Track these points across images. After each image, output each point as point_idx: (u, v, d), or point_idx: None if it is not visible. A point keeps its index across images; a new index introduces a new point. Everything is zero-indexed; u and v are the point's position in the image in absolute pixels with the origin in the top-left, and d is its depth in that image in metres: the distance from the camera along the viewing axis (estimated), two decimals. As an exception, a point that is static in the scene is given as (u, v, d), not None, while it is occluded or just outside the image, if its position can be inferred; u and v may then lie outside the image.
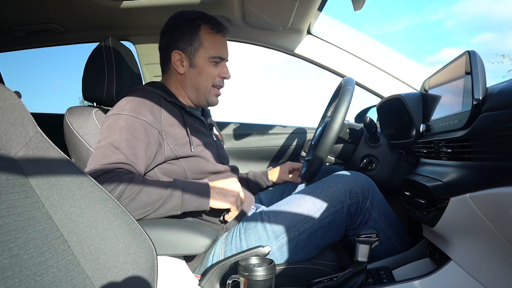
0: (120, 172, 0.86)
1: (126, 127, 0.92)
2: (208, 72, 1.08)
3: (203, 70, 1.07)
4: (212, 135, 1.17)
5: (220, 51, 1.08)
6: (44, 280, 0.49)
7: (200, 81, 1.08)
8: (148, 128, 0.94)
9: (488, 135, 0.67)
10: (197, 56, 1.06)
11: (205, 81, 1.08)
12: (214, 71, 1.08)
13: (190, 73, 1.08)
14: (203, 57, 1.06)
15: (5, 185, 0.50)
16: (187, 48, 1.06)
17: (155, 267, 0.66)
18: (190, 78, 1.09)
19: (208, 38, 1.06)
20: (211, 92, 1.11)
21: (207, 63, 1.07)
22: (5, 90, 0.56)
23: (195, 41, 1.06)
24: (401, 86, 1.50)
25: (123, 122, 0.93)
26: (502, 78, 0.96)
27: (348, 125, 1.22)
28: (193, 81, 1.09)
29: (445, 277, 0.85)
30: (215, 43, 1.07)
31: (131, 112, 0.94)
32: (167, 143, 0.98)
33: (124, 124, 0.92)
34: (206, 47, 1.06)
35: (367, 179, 1.03)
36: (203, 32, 1.06)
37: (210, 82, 1.09)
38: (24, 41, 1.67)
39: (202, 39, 1.06)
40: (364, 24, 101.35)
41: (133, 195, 0.83)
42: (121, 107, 0.96)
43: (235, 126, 1.84)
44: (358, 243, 0.86)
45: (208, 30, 1.07)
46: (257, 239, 0.97)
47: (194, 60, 1.07)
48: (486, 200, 0.67)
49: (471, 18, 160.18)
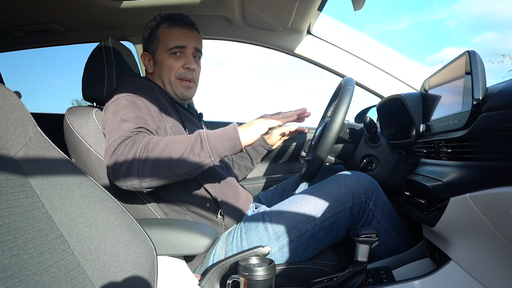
0: (138, 135, 0.88)
1: (129, 104, 0.95)
2: (167, 65, 1.11)
3: (163, 64, 1.11)
4: (202, 126, 1.21)
5: (178, 41, 1.10)
6: (44, 280, 0.49)
7: (163, 75, 1.12)
8: (148, 104, 0.98)
9: (488, 135, 0.67)
10: (157, 53, 1.12)
11: (167, 74, 1.12)
12: (174, 63, 1.11)
13: (156, 70, 1.14)
14: (162, 51, 1.11)
15: (5, 185, 0.50)
16: (150, 48, 1.13)
17: (155, 267, 0.66)
18: (157, 75, 1.14)
19: (165, 33, 1.11)
20: (177, 84, 1.13)
21: (167, 57, 1.11)
22: (5, 90, 0.56)
23: (155, 39, 1.12)
24: (401, 86, 1.50)
25: (124, 102, 0.96)
26: (502, 78, 0.96)
27: (348, 125, 1.22)
28: (160, 77, 1.13)
29: (445, 277, 0.85)
30: (171, 35, 1.10)
31: (130, 93, 0.98)
32: (167, 121, 1.01)
33: (126, 103, 0.95)
34: (162, 41, 1.11)
35: (370, 180, 1.03)
36: (161, 28, 1.11)
37: (171, 74, 1.11)
38: (24, 41, 1.67)
39: (160, 35, 1.11)
40: (365, 23, 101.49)
41: (158, 149, 0.82)
42: (117, 95, 0.99)
43: (235, 126, 1.84)
44: (358, 243, 0.86)
45: (165, 26, 1.11)
46: (258, 240, 0.97)
47: (156, 57, 1.12)
48: (486, 200, 0.67)
49: (473, 17, 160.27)
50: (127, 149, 0.83)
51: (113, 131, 0.90)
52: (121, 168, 0.83)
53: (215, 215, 1.03)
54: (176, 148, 0.83)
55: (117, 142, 0.86)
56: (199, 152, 0.84)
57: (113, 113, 0.95)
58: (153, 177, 0.82)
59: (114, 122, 0.92)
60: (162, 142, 0.84)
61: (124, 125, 0.90)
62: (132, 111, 0.93)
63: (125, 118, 0.91)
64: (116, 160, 0.84)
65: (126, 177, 0.83)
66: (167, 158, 0.82)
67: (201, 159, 0.84)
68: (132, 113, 0.93)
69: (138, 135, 0.88)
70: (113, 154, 0.85)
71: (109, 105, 0.98)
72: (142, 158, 0.82)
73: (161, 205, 1.02)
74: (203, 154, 0.84)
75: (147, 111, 0.96)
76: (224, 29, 1.56)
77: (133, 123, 0.90)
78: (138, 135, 0.88)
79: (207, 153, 0.84)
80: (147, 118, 0.95)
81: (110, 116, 0.96)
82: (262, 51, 1.65)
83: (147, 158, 0.82)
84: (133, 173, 0.82)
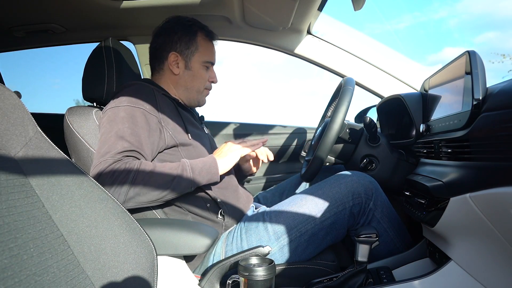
0: (129, 159, 0.89)
1: (126, 117, 0.94)
2: (201, 75, 1.15)
3: (197, 73, 1.14)
4: (203, 128, 1.21)
5: (212, 57, 1.16)
6: (44, 280, 0.49)
7: (194, 83, 1.15)
8: (147, 116, 0.97)
9: (488, 135, 0.67)
10: (193, 60, 1.13)
11: (199, 83, 1.15)
12: (205, 74, 1.16)
13: (184, 75, 1.14)
14: (198, 61, 1.13)
15: (5, 185, 0.50)
16: (184, 51, 1.12)
17: (155, 267, 0.66)
18: (184, 79, 1.14)
19: (203, 44, 1.14)
20: (204, 93, 1.18)
21: (201, 67, 1.14)
22: (5, 90, 0.56)
23: (192, 45, 1.12)
24: (401, 86, 1.50)
25: (123, 113, 0.95)
26: (502, 78, 0.96)
27: (348, 125, 1.22)
28: (187, 82, 1.14)
29: (445, 277, 0.85)
30: (208, 49, 1.15)
31: (129, 103, 0.97)
32: (166, 130, 1.01)
33: (124, 115, 0.95)
34: (201, 51, 1.13)
35: (370, 179, 1.03)
36: (200, 38, 1.13)
37: (203, 84, 1.16)
38: (24, 41, 1.67)
39: (199, 44, 1.13)
40: (366, 22, 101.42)
41: (146, 178, 0.87)
42: (117, 101, 0.98)
43: (235, 126, 1.84)
44: (358, 243, 0.86)
45: (204, 37, 1.14)
46: (258, 240, 0.97)
47: (189, 63, 1.13)
48: (486, 200, 0.67)
49: (475, 17, 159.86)
50: (117, 174, 0.85)
51: (105, 145, 0.90)
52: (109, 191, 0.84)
53: (216, 215, 1.03)
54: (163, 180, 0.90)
55: (108, 163, 0.86)
56: (183, 184, 0.92)
57: (109, 122, 0.94)
58: (135, 204, 0.88)
59: (109, 134, 0.92)
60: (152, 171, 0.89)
61: (118, 143, 0.90)
62: (129, 127, 0.93)
63: (121, 134, 0.91)
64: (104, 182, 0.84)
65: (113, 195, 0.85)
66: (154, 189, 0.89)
67: (182, 190, 0.93)
68: (128, 128, 0.92)
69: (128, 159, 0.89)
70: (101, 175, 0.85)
71: (108, 111, 0.98)
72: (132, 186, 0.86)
73: (161, 205, 1.02)
74: (186, 185, 0.93)
75: (144, 125, 0.95)
76: (224, 29, 1.56)
77: (127, 143, 0.90)
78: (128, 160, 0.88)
79: (189, 185, 0.93)
80: (142, 136, 0.94)
81: (105, 123, 0.95)
82: (262, 50, 1.65)
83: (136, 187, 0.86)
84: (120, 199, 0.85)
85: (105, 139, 0.91)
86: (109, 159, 0.87)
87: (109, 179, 0.84)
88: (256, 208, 1.18)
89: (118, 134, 0.91)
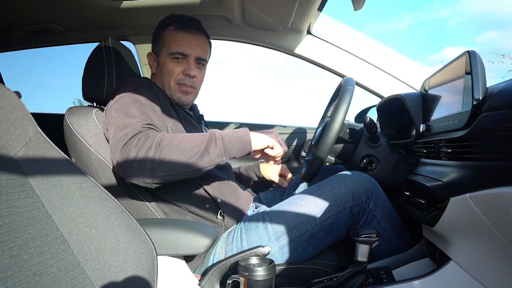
0: (150, 130, 0.87)
1: (132, 102, 0.94)
2: (168, 69, 1.10)
3: (164, 67, 1.11)
4: (202, 128, 1.19)
5: (180, 47, 1.08)
6: (44, 280, 0.49)
7: (163, 78, 1.12)
8: (151, 103, 0.98)
9: (488, 135, 0.67)
10: (161, 55, 1.11)
11: (167, 78, 1.11)
12: (175, 67, 1.09)
13: (158, 72, 1.13)
14: (165, 54, 1.10)
15: (5, 185, 0.50)
16: (155, 49, 1.12)
17: (155, 267, 0.66)
18: (159, 77, 1.13)
19: (170, 36, 1.09)
20: (175, 89, 1.11)
21: (168, 60, 1.10)
22: (5, 90, 0.56)
23: (160, 41, 1.11)
24: (401, 86, 1.50)
25: (128, 100, 0.95)
26: (502, 78, 0.96)
27: (348, 125, 1.22)
28: (161, 79, 1.13)
29: (445, 277, 0.85)
30: (176, 40, 1.09)
31: (132, 92, 0.97)
32: (168, 121, 1.01)
33: (130, 101, 0.95)
34: (167, 44, 1.10)
35: (370, 179, 1.03)
36: (168, 30, 1.10)
37: (171, 78, 1.10)
38: (24, 41, 1.67)
39: (165, 37, 1.10)
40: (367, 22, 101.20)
41: (172, 145, 0.83)
42: (120, 94, 0.98)
43: (235, 126, 1.84)
44: (358, 243, 0.86)
45: (171, 28, 1.09)
46: (258, 240, 0.97)
47: (159, 58, 1.12)
48: (486, 200, 0.67)
49: (476, 16, 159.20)
50: (140, 144, 0.83)
51: (120, 126, 0.89)
52: (133, 163, 0.82)
53: (215, 215, 1.03)
54: (190, 145, 0.85)
55: (128, 136, 0.84)
56: (213, 151, 0.86)
57: (117, 111, 0.94)
58: (165, 173, 0.83)
59: (120, 118, 0.91)
60: (176, 138, 0.85)
61: (132, 120, 0.89)
62: (137, 108, 0.93)
63: (131, 115, 0.91)
64: (127, 154, 0.82)
65: (138, 172, 0.82)
66: (181, 155, 0.84)
67: (213, 158, 0.87)
68: (137, 110, 0.92)
69: (149, 130, 0.88)
70: (124, 148, 0.83)
71: (112, 104, 0.98)
72: (156, 154, 0.82)
73: (161, 205, 1.02)
74: (216, 152, 0.87)
75: (151, 108, 0.96)
76: (224, 29, 1.56)
77: (140, 119, 0.90)
78: (149, 130, 0.87)
79: (220, 152, 0.87)
80: (153, 115, 0.94)
81: (113, 114, 0.95)
82: (263, 50, 1.65)
83: (161, 155, 0.82)
84: (146, 169, 0.82)
85: (118, 123, 0.90)
86: (129, 132, 0.86)
87: (133, 149, 0.82)
88: (256, 208, 1.18)
89: (128, 115, 0.91)
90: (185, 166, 0.84)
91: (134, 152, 0.82)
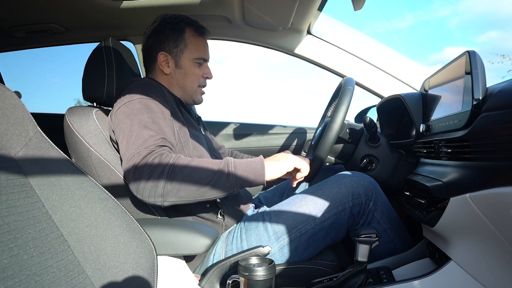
0: (163, 150, 0.87)
1: (143, 108, 0.94)
2: (193, 73, 1.13)
3: (188, 70, 1.13)
4: (201, 129, 1.20)
5: (203, 53, 1.14)
6: (44, 280, 0.49)
7: (186, 81, 1.14)
8: (161, 107, 0.97)
9: (488, 135, 0.67)
10: (183, 58, 1.12)
11: (191, 81, 1.14)
12: (199, 71, 1.14)
13: (176, 74, 1.13)
14: (188, 58, 1.12)
15: (5, 185, 0.50)
16: (172, 50, 1.11)
17: (155, 267, 0.66)
18: (176, 78, 1.13)
19: (192, 40, 1.12)
20: (197, 92, 1.16)
21: (192, 64, 1.13)
22: (5, 90, 0.56)
23: (181, 43, 1.11)
24: (401, 86, 1.50)
25: (138, 105, 0.94)
26: (502, 78, 0.96)
27: (348, 125, 1.22)
28: (179, 81, 1.14)
29: (445, 277, 0.85)
30: (198, 45, 1.13)
31: (142, 95, 0.96)
32: (175, 124, 1.01)
33: (141, 106, 0.94)
34: (190, 48, 1.12)
35: (370, 180, 1.03)
36: (188, 34, 1.12)
37: (196, 82, 1.15)
38: (24, 41, 1.67)
39: (187, 41, 1.11)
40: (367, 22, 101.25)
41: (184, 171, 0.84)
42: (128, 96, 0.97)
43: (235, 126, 1.84)
44: (358, 243, 0.86)
45: (192, 33, 1.12)
46: (258, 240, 0.97)
47: (179, 61, 1.12)
48: (486, 200, 0.67)
49: (477, 16, 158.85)
50: (153, 167, 0.83)
51: (132, 137, 0.89)
52: (146, 185, 0.83)
53: (215, 215, 1.03)
54: (202, 176, 0.85)
55: (141, 155, 0.84)
56: (224, 182, 0.86)
57: (127, 116, 0.93)
58: (177, 199, 0.85)
59: (132, 126, 0.90)
60: (188, 167, 0.85)
61: (145, 132, 0.88)
62: (149, 116, 0.92)
63: (144, 124, 0.90)
64: (140, 176, 0.83)
65: (150, 195, 0.83)
66: (192, 185, 0.84)
67: (225, 189, 0.87)
68: (149, 118, 0.92)
69: (162, 148, 0.87)
70: (137, 168, 0.83)
71: (121, 107, 0.96)
72: (168, 181, 0.83)
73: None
74: (228, 184, 0.86)
75: (161, 115, 0.95)
76: (224, 29, 1.56)
77: (153, 132, 0.89)
78: (163, 149, 0.87)
79: (231, 185, 0.87)
80: (163, 125, 0.93)
81: (123, 119, 0.93)
82: (263, 50, 1.65)
83: (172, 183, 0.83)
84: (158, 192, 0.83)
85: (130, 132, 0.90)
86: (143, 150, 0.85)
87: (146, 171, 0.83)
88: (256, 208, 1.18)
89: (141, 124, 0.90)
90: (196, 195, 0.86)
91: (147, 175, 0.83)
